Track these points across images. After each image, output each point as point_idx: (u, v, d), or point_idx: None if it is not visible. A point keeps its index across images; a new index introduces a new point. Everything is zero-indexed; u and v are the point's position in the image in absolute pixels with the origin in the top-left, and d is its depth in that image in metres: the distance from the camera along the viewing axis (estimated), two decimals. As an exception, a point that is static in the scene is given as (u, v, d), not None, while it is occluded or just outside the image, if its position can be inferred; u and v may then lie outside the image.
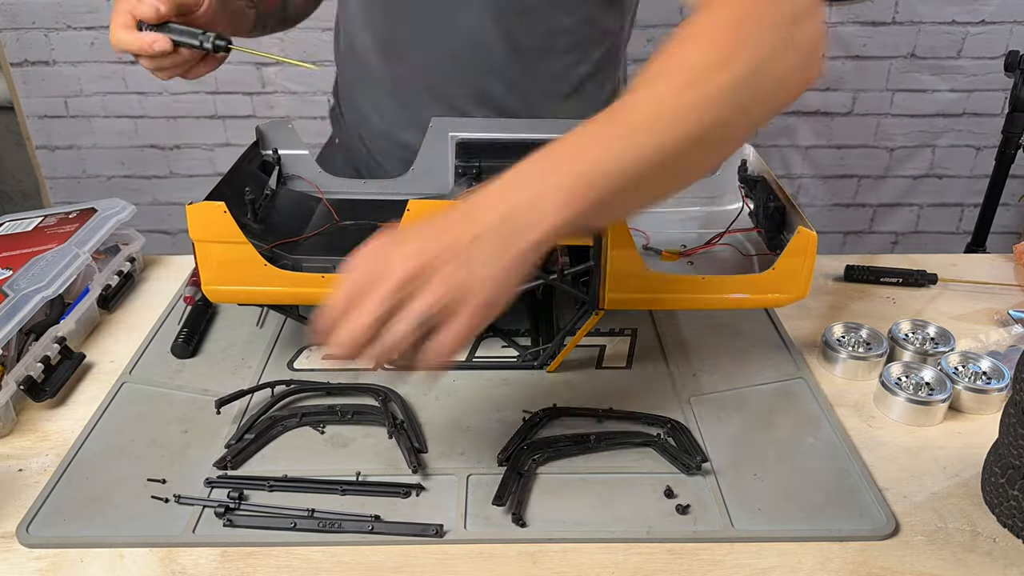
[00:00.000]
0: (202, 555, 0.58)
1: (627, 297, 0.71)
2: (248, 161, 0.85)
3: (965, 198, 2.31)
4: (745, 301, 0.72)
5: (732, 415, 0.72)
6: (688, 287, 0.71)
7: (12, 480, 0.66)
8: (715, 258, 0.82)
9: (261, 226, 0.78)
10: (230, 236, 0.69)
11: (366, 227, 0.83)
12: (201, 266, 0.71)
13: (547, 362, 0.77)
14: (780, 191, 0.78)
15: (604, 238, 0.69)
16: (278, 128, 0.90)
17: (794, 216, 0.73)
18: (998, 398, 0.72)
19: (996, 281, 0.94)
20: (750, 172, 0.86)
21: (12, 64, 2.11)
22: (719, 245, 0.83)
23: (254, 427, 0.69)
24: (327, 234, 0.82)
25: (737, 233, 0.85)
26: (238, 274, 0.71)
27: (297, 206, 0.86)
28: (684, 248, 0.83)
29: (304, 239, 0.80)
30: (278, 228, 0.80)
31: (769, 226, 0.79)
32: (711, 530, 0.60)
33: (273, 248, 0.75)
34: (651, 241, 0.83)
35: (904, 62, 2.12)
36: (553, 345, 0.77)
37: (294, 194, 0.88)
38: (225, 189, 0.75)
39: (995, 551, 0.59)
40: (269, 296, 0.72)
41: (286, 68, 2.09)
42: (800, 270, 0.70)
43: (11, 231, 0.93)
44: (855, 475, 0.65)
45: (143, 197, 2.28)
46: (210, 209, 0.68)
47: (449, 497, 0.63)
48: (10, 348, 0.75)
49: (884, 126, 2.21)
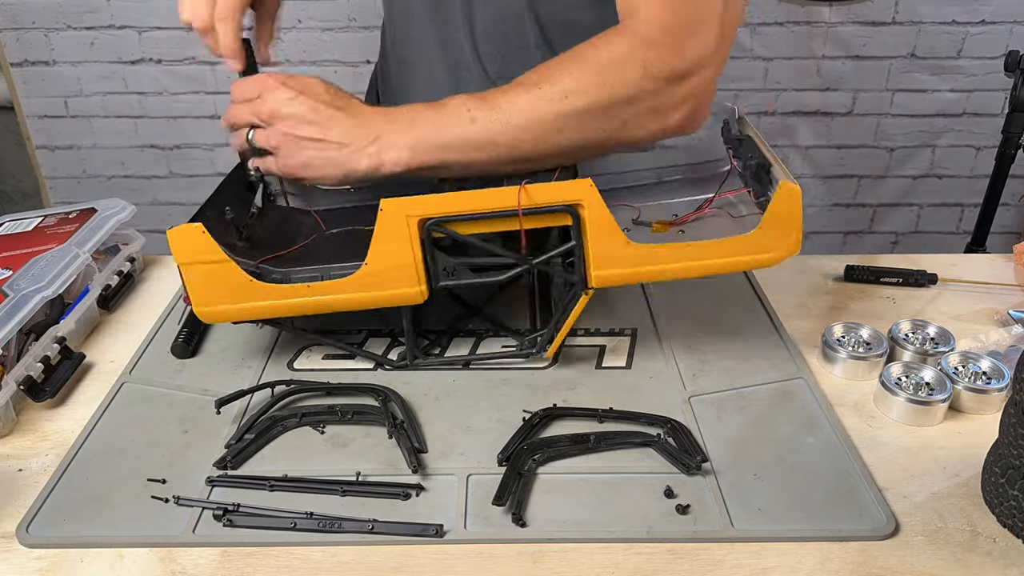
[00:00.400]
0: (202, 555, 0.58)
1: (614, 273, 0.70)
2: (233, 183, 0.84)
3: (965, 198, 2.31)
4: (735, 263, 0.70)
5: (732, 415, 0.72)
6: (675, 256, 0.70)
7: (12, 480, 0.66)
8: (707, 224, 0.80)
9: (247, 244, 0.78)
10: (211, 255, 0.69)
11: (352, 232, 0.82)
12: (189, 288, 0.70)
13: (545, 347, 0.77)
14: (763, 146, 0.76)
15: (582, 217, 0.69)
16: None
17: (778, 171, 0.72)
18: (998, 398, 0.72)
19: (996, 281, 0.94)
20: (733, 132, 0.84)
21: (12, 64, 2.11)
22: (710, 211, 0.81)
23: (254, 427, 0.69)
24: (314, 244, 0.81)
25: (728, 195, 0.83)
26: (225, 292, 0.70)
27: (285, 221, 0.86)
28: (675, 217, 0.81)
29: (290, 252, 0.79)
30: (266, 245, 0.79)
31: (756, 185, 0.77)
32: (711, 530, 0.60)
33: (260, 264, 0.75)
34: (642, 215, 0.82)
35: (904, 62, 2.12)
36: (549, 329, 0.77)
37: (281, 210, 0.88)
38: (208, 211, 0.75)
39: (995, 551, 0.59)
40: (260, 311, 0.72)
41: (286, 68, 2.10)
42: (788, 225, 0.68)
43: (11, 231, 0.93)
44: (855, 475, 0.65)
45: (143, 197, 2.28)
46: (189, 231, 0.68)
47: (449, 497, 0.63)
48: (10, 348, 0.75)
49: (884, 126, 2.21)
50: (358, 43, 2.07)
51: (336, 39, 2.07)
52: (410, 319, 0.76)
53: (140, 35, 2.07)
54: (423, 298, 0.72)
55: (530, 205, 0.68)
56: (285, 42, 2.06)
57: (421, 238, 0.69)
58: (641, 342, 0.83)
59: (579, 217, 0.69)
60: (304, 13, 2.03)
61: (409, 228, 0.69)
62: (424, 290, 0.72)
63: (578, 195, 0.68)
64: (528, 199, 0.68)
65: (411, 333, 0.77)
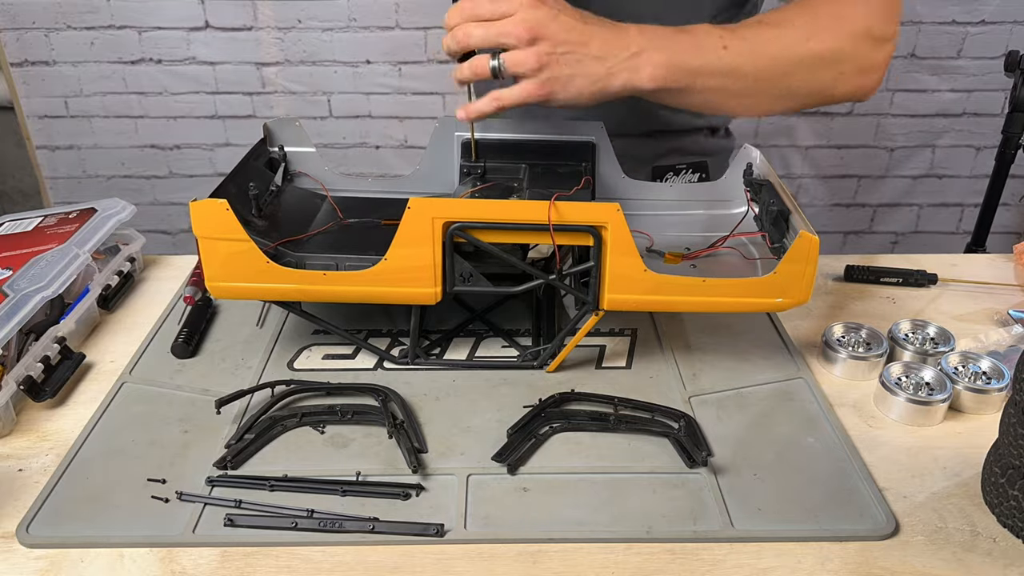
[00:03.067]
0: (202, 555, 0.58)
1: (627, 298, 0.71)
2: (255, 158, 0.85)
3: (965, 198, 2.31)
4: (746, 304, 0.72)
5: (732, 415, 0.72)
6: (688, 289, 0.71)
7: (12, 480, 0.66)
8: (719, 261, 0.82)
9: (265, 222, 0.78)
10: (233, 234, 0.69)
11: (370, 225, 0.83)
12: (205, 263, 0.71)
13: (547, 362, 0.78)
14: (784, 194, 0.78)
15: (604, 239, 0.69)
16: (285, 126, 0.91)
17: (797, 220, 0.73)
18: (998, 398, 0.72)
19: (996, 281, 0.94)
20: (756, 175, 0.86)
21: (12, 64, 2.11)
22: (723, 248, 0.83)
23: (254, 427, 0.69)
24: (331, 232, 0.82)
25: (741, 237, 0.85)
26: (241, 271, 0.71)
27: (302, 203, 0.87)
28: (688, 251, 0.83)
29: (308, 236, 0.80)
30: (283, 225, 0.80)
31: (773, 230, 0.79)
32: (711, 530, 0.60)
33: (277, 246, 0.75)
34: (655, 244, 0.83)
35: (904, 62, 2.12)
36: (553, 345, 0.77)
37: (299, 192, 0.89)
38: (230, 185, 0.76)
39: (995, 551, 0.59)
40: (271, 292, 0.73)
41: (286, 68, 2.10)
42: (802, 275, 0.70)
43: (11, 231, 0.93)
44: (855, 475, 0.65)
45: (143, 197, 2.28)
46: (213, 207, 0.68)
47: (449, 497, 0.63)
48: (10, 348, 0.75)
49: (884, 126, 2.21)
50: (358, 43, 2.07)
51: (336, 39, 2.06)
52: (418, 317, 0.76)
53: (140, 35, 2.07)
54: (437, 299, 0.72)
55: (559, 221, 0.68)
56: (285, 42, 2.06)
57: (443, 241, 0.70)
58: (641, 342, 0.83)
59: (601, 239, 0.69)
60: (304, 13, 2.03)
61: (433, 230, 0.69)
62: (439, 292, 0.72)
63: (604, 217, 0.68)
64: (557, 215, 0.68)
65: (416, 331, 0.77)
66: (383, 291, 0.72)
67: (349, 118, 2.17)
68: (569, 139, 0.87)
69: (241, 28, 2.05)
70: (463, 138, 0.88)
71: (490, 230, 0.70)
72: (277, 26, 2.05)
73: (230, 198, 0.69)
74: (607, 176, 0.89)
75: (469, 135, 0.85)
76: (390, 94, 2.14)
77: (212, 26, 2.05)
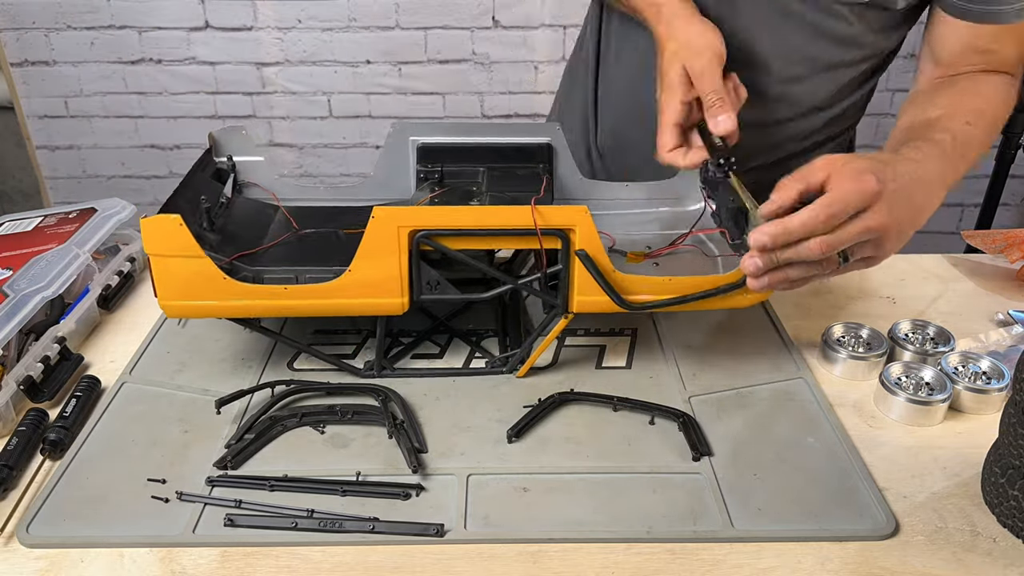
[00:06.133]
0: (202, 555, 0.58)
1: (596, 300, 0.71)
2: (203, 168, 0.83)
3: (965, 198, 2.30)
4: (710, 302, 0.72)
5: (732, 415, 0.72)
6: (655, 288, 0.71)
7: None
8: (679, 259, 0.82)
9: (218, 236, 0.76)
10: (187, 250, 0.67)
11: (327, 234, 0.81)
12: (157, 281, 0.69)
13: (516, 367, 0.77)
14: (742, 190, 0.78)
15: (572, 242, 0.69)
16: (232, 134, 0.87)
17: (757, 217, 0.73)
18: (998, 398, 0.72)
19: (996, 281, 0.94)
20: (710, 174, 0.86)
21: (12, 64, 2.11)
22: (683, 246, 0.83)
23: (254, 427, 0.69)
24: (287, 243, 0.80)
25: (700, 234, 0.85)
26: (197, 288, 0.69)
27: (254, 215, 0.84)
28: (649, 249, 0.83)
29: (264, 249, 0.78)
30: (236, 238, 0.77)
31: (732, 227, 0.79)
32: (711, 530, 0.60)
33: (232, 260, 0.73)
34: (616, 243, 0.83)
35: (904, 62, 2.12)
36: (522, 350, 0.77)
37: (251, 203, 0.86)
38: (179, 199, 0.73)
39: (995, 551, 0.59)
40: (230, 310, 0.71)
41: (286, 68, 2.10)
42: None
43: (11, 231, 0.93)
44: (855, 475, 0.65)
45: (143, 197, 2.28)
46: (166, 223, 0.66)
47: (449, 497, 0.63)
48: (10, 348, 0.75)
49: (884, 126, 2.21)
50: (358, 43, 2.07)
51: (336, 39, 2.07)
52: (383, 329, 0.75)
53: (140, 35, 2.07)
54: (404, 309, 0.71)
55: (525, 225, 0.68)
56: (285, 42, 2.06)
57: (410, 249, 0.69)
58: (641, 342, 0.83)
59: (570, 241, 0.69)
60: (304, 13, 2.03)
61: (399, 239, 0.68)
62: (406, 302, 0.71)
63: (573, 220, 0.68)
64: (524, 219, 0.67)
65: (382, 342, 0.76)
66: (348, 303, 0.71)
67: (349, 118, 2.17)
68: (526, 141, 0.87)
69: (241, 28, 2.05)
70: (419, 142, 0.86)
71: (457, 237, 0.69)
72: (277, 26, 2.05)
73: (182, 213, 0.67)
74: (564, 177, 0.89)
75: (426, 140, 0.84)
76: (390, 94, 2.14)
77: (212, 26, 2.05)
